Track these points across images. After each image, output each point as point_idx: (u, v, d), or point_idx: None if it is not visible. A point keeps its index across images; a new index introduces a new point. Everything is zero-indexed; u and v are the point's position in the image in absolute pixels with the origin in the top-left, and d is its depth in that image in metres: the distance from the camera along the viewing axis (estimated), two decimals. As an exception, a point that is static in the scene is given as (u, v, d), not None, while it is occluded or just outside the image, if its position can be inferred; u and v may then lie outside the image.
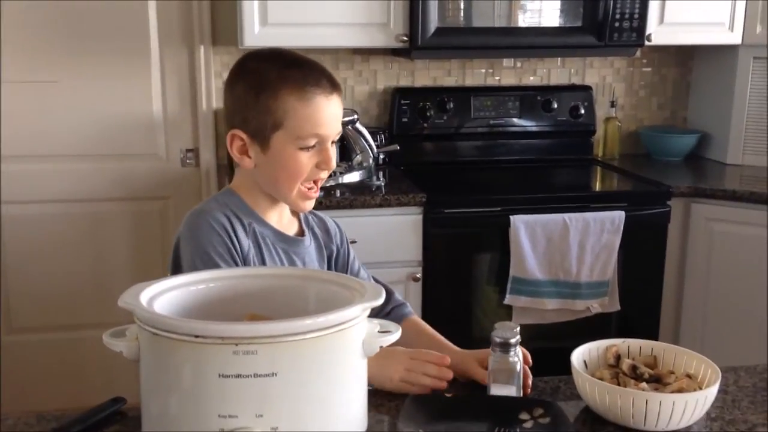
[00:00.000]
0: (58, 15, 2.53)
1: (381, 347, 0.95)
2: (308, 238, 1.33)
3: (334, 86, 1.23)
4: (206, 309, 1.00)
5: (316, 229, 1.37)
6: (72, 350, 2.68)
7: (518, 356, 1.06)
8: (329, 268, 1.38)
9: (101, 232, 2.66)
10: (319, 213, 1.42)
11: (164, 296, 0.95)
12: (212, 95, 2.70)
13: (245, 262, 1.22)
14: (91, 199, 2.65)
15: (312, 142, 1.21)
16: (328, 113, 1.21)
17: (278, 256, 1.27)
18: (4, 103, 2.54)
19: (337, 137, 1.26)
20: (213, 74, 2.69)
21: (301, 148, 1.20)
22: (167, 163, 2.71)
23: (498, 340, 1.06)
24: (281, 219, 1.31)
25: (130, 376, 1.27)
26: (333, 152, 1.25)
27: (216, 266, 1.16)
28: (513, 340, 1.05)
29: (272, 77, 1.20)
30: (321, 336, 0.87)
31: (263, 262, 1.24)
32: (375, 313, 1.36)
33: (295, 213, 1.34)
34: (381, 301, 0.95)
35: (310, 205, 1.27)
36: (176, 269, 1.22)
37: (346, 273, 1.39)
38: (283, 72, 1.20)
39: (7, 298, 2.64)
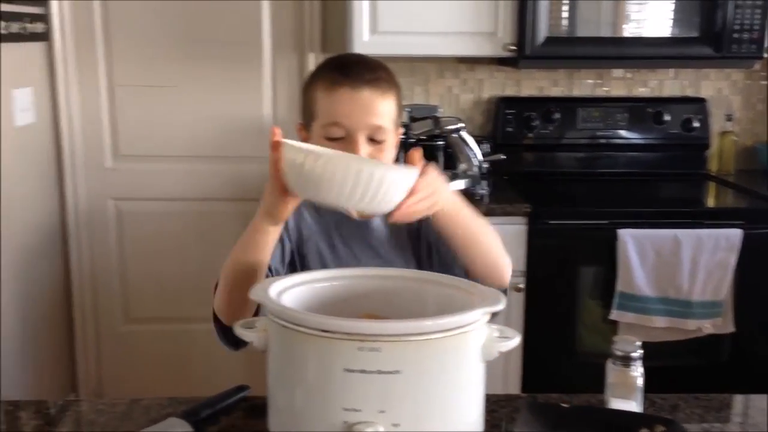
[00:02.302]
0: (172, 20, 2.64)
1: (499, 353, 0.95)
2: (377, 220, 1.34)
3: (370, 81, 1.24)
4: (328, 306, 1.03)
5: None
6: (181, 342, 2.78)
7: (639, 371, 1.04)
8: (420, 244, 1.36)
9: (212, 230, 2.75)
10: None
11: (291, 291, 0.98)
12: (320, 101, 2.76)
13: (300, 240, 1.32)
14: (205, 198, 2.75)
15: (335, 132, 1.24)
16: (353, 105, 1.23)
17: (341, 238, 1.33)
18: (120, 106, 2.68)
19: (381, 134, 1.24)
20: (322, 81, 2.75)
21: (326, 138, 1.24)
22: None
23: (619, 353, 1.03)
24: None
25: (234, 368, 1.33)
26: (365, 148, 1.23)
27: None
28: (635, 354, 1.03)
29: (315, 75, 1.30)
30: (443, 337, 0.88)
31: (331, 248, 1.31)
32: None
33: None
34: (501, 306, 0.94)
35: None
36: None
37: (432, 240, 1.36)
38: (326, 69, 1.29)
39: (125, 289, 2.78)
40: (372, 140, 1.25)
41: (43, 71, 2.56)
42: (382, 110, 1.26)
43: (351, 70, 1.26)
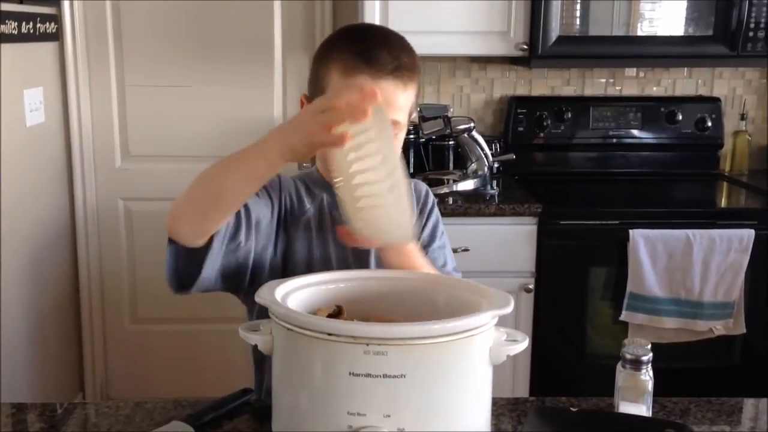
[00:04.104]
0: (182, 21, 2.64)
1: (507, 355, 0.94)
2: None
3: (393, 71, 1.13)
4: (335, 308, 1.02)
5: None
6: (188, 342, 2.79)
7: (649, 375, 1.02)
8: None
9: (221, 231, 2.76)
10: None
11: (297, 293, 0.98)
12: (330, 101, 2.75)
13: (292, 215, 1.23)
14: (213, 199, 2.76)
15: None
16: None
17: (333, 221, 1.24)
18: (130, 106, 2.68)
19: (394, 128, 1.11)
20: (332, 80, 2.75)
21: None
22: (286, 167, 2.77)
23: (629, 356, 1.02)
24: None
25: (241, 368, 1.33)
26: None
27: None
28: (645, 358, 1.01)
29: (332, 49, 1.17)
30: (450, 341, 0.87)
31: (320, 230, 1.24)
32: None
33: None
34: (510, 309, 0.93)
35: None
36: None
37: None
38: (344, 45, 1.16)
39: (133, 289, 2.78)
40: None
41: (53, 71, 2.57)
42: (401, 104, 1.16)
43: (372, 55, 1.13)
